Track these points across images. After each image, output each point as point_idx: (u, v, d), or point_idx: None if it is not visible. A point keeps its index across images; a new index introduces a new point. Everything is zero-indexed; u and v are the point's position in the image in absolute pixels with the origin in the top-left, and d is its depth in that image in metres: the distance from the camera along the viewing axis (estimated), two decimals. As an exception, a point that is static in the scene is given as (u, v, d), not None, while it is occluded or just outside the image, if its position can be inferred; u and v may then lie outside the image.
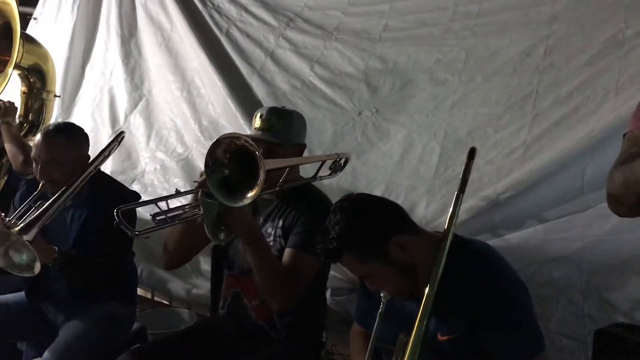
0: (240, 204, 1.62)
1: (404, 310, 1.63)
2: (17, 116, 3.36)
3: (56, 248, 2.10)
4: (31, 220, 1.96)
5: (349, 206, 1.57)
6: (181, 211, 1.84)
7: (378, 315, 1.56)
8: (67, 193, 2.09)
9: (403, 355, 1.43)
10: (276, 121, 2.06)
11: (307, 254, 1.94)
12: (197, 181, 1.86)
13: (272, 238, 2.05)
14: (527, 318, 1.55)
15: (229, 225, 1.79)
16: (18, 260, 1.93)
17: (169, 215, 1.78)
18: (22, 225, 1.94)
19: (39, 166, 2.26)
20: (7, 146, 2.94)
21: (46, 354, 2.11)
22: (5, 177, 3.05)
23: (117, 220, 1.71)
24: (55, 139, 2.29)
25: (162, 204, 1.80)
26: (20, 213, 2.15)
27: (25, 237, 1.88)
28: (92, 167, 2.24)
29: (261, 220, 2.10)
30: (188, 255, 2.20)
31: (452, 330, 1.54)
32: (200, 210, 1.79)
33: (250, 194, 1.59)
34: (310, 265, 1.96)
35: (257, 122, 2.08)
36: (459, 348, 1.54)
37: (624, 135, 1.35)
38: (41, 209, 2.02)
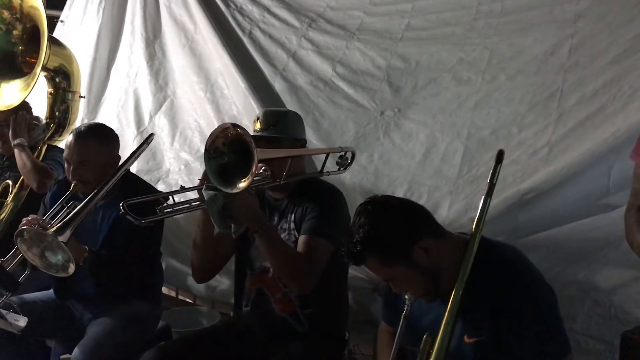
0: (234, 190, 1.67)
1: (429, 312, 1.63)
2: (44, 117, 3.43)
3: (87, 248, 2.15)
4: (65, 222, 1.99)
5: (374, 209, 1.55)
6: (187, 205, 1.91)
7: (402, 317, 1.55)
8: (100, 194, 2.13)
9: (428, 356, 1.43)
10: (273, 120, 2.14)
11: (319, 237, 2.00)
12: (200, 179, 1.92)
13: (286, 233, 2.10)
14: (552, 321, 1.54)
15: (234, 215, 1.83)
16: (54, 261, 1.97)
17: (176, 208, 1.87)
18: (57, 226, 1.98)
19: (71, 167, 2.30)
20: (21, 171, 2.92)
21: (76, 350, 2.15)
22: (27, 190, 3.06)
23: (123, 211, 1.78)
24: (87, 140, 2.33)
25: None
26: (52, 213, 2.19)
27: (60, 238, 1.92)
28: (123, 169, 2.27)
29: (275, 219, 2.15)
30: (214, 270, 2.26)
31: (478, 333, 1.53)
32: (203, 204, 1.85)
33: (243, 181, 1.64)
34: (322, 247, 2.01)
35: (257, 124, 2.17)
36: (484, 351, 1.53)
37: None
38: (75, 211, 2.05)
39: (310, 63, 3.50)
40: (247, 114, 3.46)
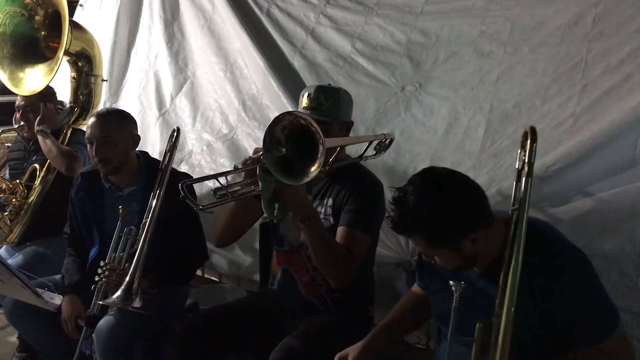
0: (303, 181, 1.64)
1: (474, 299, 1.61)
2: (67, 101, 3.48)
3: (147, 282, 2.25)
4: (127, 286, 2.10)
5: (432, 187, 1.51)
6: (239, 187, 1.88)
7: (452, 310, 1.52)
8: (151, 225, 2.22)
9: (483, 344, 1.43)
10: (324, 99, 2.08)
11: (359, 231, 1.99)
12: (252, 157, 1.89)
13: (322, 216, 2.08)
14: (601, 292, 1.54)
15: (284, 202, 1.80)
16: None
17: (229, 190, 1.83)
18: (122, 293, 2.08)
19: (94, 145, 2.37)
20: (48, 156, 3.01)
21: (103, 328, 2.20)
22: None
23: (183, 194, 1.77)
24: (108, 117, 2.45)
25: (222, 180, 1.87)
26: (114, 246, 2.31)
27: (135, 304, 2.07)
28: (167, 169, 2.36)
29: (310, 198, 2.12)
30: (237, 235, 2.25)
31: (520, 311, 1.53)
32: (255, 186, 1.82)
33: (312, 170, 1.61)
34: (362, 241, 2.01)
35: (305, 101, 2.11)
36: (523, 324, 1.53)
37: None
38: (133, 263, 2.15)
39: (329, 40, 3.47)
40: (266, 93, 3.46)
